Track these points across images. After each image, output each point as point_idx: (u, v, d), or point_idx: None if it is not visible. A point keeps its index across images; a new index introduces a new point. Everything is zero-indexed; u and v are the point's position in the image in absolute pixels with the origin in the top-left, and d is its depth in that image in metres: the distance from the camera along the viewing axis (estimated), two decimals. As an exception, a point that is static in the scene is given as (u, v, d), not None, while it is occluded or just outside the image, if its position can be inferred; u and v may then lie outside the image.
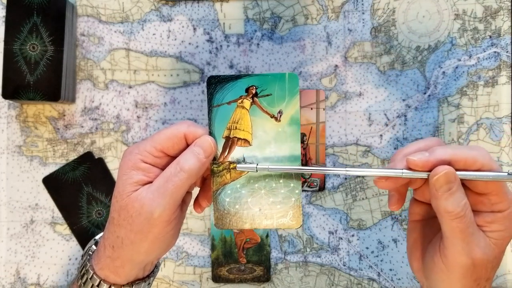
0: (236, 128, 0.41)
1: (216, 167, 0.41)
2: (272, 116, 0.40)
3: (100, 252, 0.43)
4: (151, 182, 0.40)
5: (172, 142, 0.40)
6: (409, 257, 0.44)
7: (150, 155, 0.40)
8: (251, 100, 0.40)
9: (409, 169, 0.38)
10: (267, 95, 0.40)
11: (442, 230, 0.38)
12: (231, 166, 0.41)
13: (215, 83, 0.40)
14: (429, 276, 0.41)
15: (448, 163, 0.37)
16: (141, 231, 0.40)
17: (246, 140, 0.41)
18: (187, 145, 0.41)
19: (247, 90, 0.40)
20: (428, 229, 0.43)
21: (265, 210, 0.41)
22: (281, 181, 0.41)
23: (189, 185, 0.40)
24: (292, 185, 0.41)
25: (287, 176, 0.41)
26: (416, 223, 0.43)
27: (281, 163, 0.41)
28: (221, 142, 0.41)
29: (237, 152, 0.41)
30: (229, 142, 0.41)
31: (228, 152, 0.41)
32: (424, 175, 0.38)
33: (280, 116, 0.40)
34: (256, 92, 0.40)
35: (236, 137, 0.41)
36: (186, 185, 0.40)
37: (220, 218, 0.42)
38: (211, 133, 0.41)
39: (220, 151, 0.41)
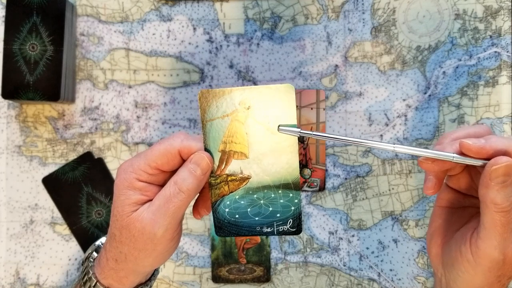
0: (231, 142, 0.40)
1: (214, 179, 0.41)
2: (268, 129, 0.40)
3: (103, 263, 0.43)
4: (149, 200, 0.40)
5: (167, 159, 0.40)
6: (428, 242, 0.43)
7: (145, 173, 0.40)
8: (245, 114, 0.40)
9: (461, 153, 0.37)
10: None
11: (482, 221, 0.37)
12: (229, 178, 0.41)
13: (207, 97, 0.40)
14: (450, 265, 0.40)
15: (504, 153, 0.36)
16: (145, 249, 0.40)
17: (242, 153, 0.40)
18: (182, 160, 0.40)
19: (240, 104, 0.40)
20: (455, 217, 0.42)
21: (265, 218, 0.41)
22: (279, 191, 0.41)
23: (189, 203, 0.40)
24: (291, 195, 0.41)
25: (286, 186, 0.41)
26: (442, 209, 0.43)
27: (279, 174, 0.40)
28: (217, 156, 0.40)
29: (234, 164, 0.40)
30: (226, 155, 0.40)
31: (225, 165, 0.41)
32: (478, 162, 0.36)
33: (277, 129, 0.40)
34: (249, 106, 0.40)
35: (232, 150, 0.40)
36: (186, 204, 0.40)
37: (220, 227, 0.42)
38: (206, 147, 0.40)
39: (217, 164, 0.41)
